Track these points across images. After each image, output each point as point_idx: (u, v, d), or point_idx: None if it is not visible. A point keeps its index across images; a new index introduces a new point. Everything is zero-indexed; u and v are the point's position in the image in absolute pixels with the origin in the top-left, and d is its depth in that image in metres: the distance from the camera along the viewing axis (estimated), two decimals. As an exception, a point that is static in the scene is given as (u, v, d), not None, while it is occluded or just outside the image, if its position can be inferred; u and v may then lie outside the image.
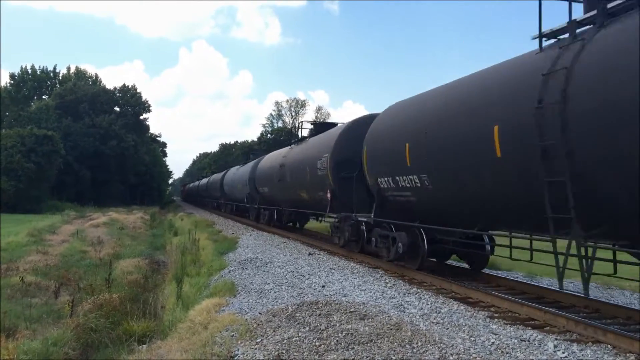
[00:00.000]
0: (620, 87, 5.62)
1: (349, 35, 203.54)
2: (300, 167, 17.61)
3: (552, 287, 9.50)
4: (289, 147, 21.65)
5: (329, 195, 14.83)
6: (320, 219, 19.76)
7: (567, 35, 7.01)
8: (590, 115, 6.00)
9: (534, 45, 7.57)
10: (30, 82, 64.46)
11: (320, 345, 5.81)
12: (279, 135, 69.28)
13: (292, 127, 77.75)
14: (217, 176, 45.27)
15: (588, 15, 6.78)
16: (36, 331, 8.48)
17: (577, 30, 6.87)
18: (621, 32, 6.02)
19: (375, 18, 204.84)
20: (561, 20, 7.16)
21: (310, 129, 20.20)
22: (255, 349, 6.00)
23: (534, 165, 6.75)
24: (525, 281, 10.13)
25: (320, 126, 19.72)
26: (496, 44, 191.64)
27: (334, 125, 18.70)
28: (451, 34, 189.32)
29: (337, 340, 5.89)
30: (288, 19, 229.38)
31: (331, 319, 6.76)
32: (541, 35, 7.41)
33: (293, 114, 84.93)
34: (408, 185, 10.35)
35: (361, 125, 13.77)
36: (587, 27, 6.80)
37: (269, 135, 74.96)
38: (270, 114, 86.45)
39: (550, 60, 6.86)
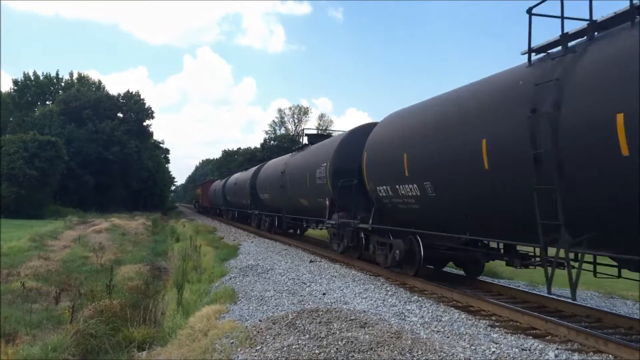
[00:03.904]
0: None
1: (353, 42, 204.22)
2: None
3: (554, 297, 9.46)
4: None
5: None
6: (320, 226, 19.10)
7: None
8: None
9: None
10: (34, 87, 64.72)
11: (320, 353, 5.79)
12: (282, 143, 69.38)
13: (294, 134, 77.94)
14: (244, 175, 32.37)
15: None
16: (36, 337, 8.47)
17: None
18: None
19: (379, 25, 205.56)
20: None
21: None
22: (255, 356, 5.98)
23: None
24: (526, 290, 10.10)
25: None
26: (501, 48, 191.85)
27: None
28: (456, 40, 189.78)
29: (337, 348, 5.86)
30: (292, 26, 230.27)
31: (331, 326, 6.73)
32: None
33: (295, 121, 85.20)
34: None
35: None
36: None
37: (271, 142, 75.07)
38: (273, 121, 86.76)
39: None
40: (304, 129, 25.67)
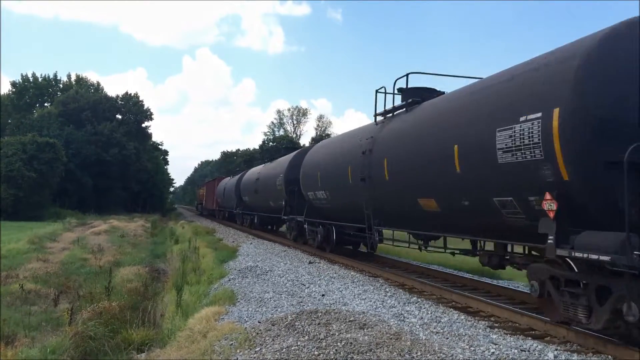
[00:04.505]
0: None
1: (352, 43, 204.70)
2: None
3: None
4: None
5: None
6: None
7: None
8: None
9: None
10: (32, 89, 64.72)
11: (319, 355, 5.79)
12: (281, 144, 69.41)
13: (293, 135, 77.98)
14: (272, 167, 23.98)
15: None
16: (35, 339, 8.48)
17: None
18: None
19: (378, 26, 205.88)
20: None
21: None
22: (254, 357, 5.98)
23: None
24: (526, 291, 10.09)
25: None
26: (501, 48, 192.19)
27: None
28: (456, 41, 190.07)
29: (336, 350, 5.86)
30: (292, 27, 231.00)
31: (330, 328, 6.73)
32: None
33: (294, 122, 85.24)
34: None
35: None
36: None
37: (270, 143, 75.10)
38: (272, 122, 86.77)
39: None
40: (408, 73, 11.35)
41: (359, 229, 13.26)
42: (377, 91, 12.60)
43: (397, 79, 11.83)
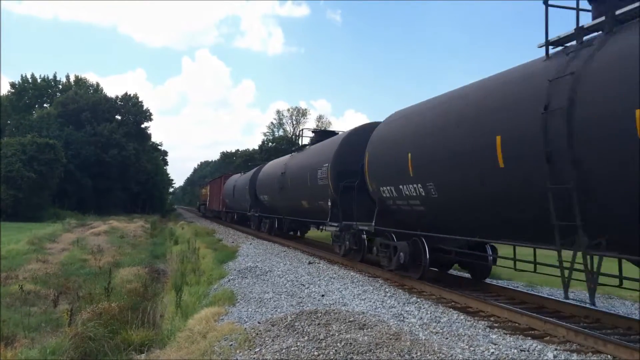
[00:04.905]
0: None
1: (351, 44, 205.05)
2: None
3: (553, 297, 9.48)
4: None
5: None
6: (321, 227, 18.56)
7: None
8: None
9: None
10: (32, 90, 64.71)
11: (319, 355, 5.79)
12: (280, 144, 69.36)
13: (292, 135, 77.95)
14: (307, 156, 18.20)
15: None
16: (35, 340, 8.48)
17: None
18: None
19: (377, 27, 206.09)
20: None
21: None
22: (254, 358, 5.98)
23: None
24: (525, 291, 10.10)
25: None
26: (502, 50, 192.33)
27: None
28: (455, 42, 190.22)
29: (335, 350, 5.86)
30: (291, 28, 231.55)
31: (330, 328, 6.73)
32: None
33: (294, 122, 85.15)
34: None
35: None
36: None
37: (270, 144, 75.04)
38: (272, 123, 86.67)
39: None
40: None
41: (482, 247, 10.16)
42: (546, 3, 7.28)
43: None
